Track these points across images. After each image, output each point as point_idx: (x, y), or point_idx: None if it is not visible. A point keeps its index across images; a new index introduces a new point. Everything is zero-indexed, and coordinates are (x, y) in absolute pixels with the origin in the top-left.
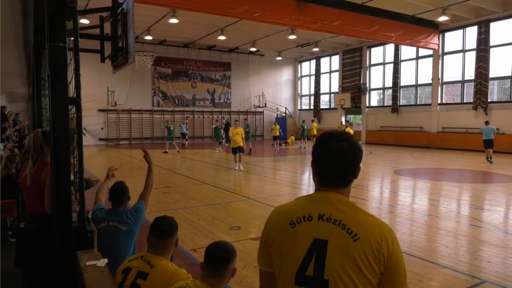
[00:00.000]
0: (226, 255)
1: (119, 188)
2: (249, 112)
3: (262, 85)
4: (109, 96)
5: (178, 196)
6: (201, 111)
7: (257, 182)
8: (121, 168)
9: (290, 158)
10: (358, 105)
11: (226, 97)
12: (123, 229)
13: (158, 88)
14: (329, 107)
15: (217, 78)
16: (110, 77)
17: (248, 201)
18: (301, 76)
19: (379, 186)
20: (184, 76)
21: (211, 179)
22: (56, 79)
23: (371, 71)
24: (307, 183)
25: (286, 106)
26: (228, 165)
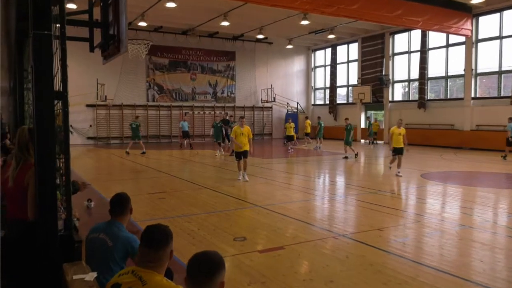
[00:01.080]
0: (213, 266)
1: (118, 199)
2: (255, 107)
3: (271, 77)
4: (99, 90)
5: (176, 202)
6: (201, 106)
7: (264, 187)
8: (112, 170)
9: (303, 159)
10: (379, 99)
11: (229, 90)
12: (108, 244)
13: (153, 81)
14: (346, 102)
15: (219, 69)
16: (100, 68)
17: (255, 208)
18: (314, 66)
19: (404, 192)
20: (183, 67)
21: (213, 183)
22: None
23: (394, 60)
24: (321, 188)
25: (298, 101)
26: (233, 167)
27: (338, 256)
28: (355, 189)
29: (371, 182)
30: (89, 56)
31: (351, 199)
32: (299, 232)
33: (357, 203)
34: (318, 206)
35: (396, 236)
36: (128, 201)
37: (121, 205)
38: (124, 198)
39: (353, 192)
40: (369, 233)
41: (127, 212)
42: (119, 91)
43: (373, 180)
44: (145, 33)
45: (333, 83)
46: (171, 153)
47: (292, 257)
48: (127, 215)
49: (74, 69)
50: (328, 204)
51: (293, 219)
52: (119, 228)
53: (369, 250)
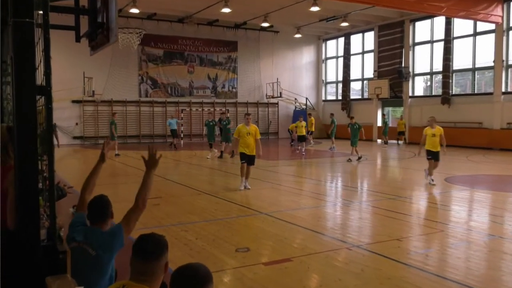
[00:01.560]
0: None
1: (97, 202)
2: (260, 103)
3: (277, 69)
4: (86, 84)
5: (171, 209)
6: (199, 102)
7: (270, 192)
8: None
9: (313, 161)
10: (398, 94)
11: (231, 84)
12: (91, 254)
13: (146, 74)
14: (361, 97)
15: (220, 61)
16: (87, 60)
17: (259, 216)
18: (325, 58)
19: (425, 198)
20: (179, 58)
21: (213, 188)
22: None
23: (415, 51)
24: (333, 193)
25: (307, 96)
26: (234, 170)
27: (352, 269)
28: (371, 195)
29: (389, 187)
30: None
31: (366, 206)
32: (308, 243)
33: (373, 210)
34: (330, 213)
35: (417, 247)
36: (109, 204)
37: (101, 210)
38: (104, 201)
39: (369, 197)
40: (386, 244)
41: (108, 217)
42: (108, 85)
43: (391, 184)
44: (137, 21)
45: (346, 77)
46: (165, 154)
47: (301, 270)
48: (108, 220)
49: (59, 61)
50: (340, 211)
51: (301, 228)
52: (100, 234)
53: (386, 263)
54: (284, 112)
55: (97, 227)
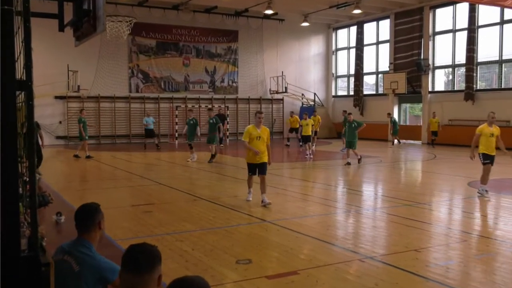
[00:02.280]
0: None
1: (81, 211)
2: (263, 99)
3: (282, 62)
4: (70, 78)
5: (165, 217)
6: (196, 98)
7: (274, 198)
8: (87, 177)
9: (322, 164)
10: (416, 89)
11: (231, 78)
12: (74, 269)
13: (137, 67)
14: (375, 93)
15: (218, 52)
16: (71, 52)
17: (262, 224)
18: (336, 49)
19: (447, 204)
20: (173, 49)
21: (210, 193)
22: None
23: (435, 41)
24: (345, 199)
25: (315, 92)
26: (234, 173)
27: (365, 283)
28: (386, 201)
29: (406, 192)
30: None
31: (381, 213)
32: (316, 254)
33: (388, 217)
34: (341, 221)
35: (437, 259)
36: (96, 213)
37: (87, 219)
38: (91, 210)
39: (384, 204)
40: (403, 255)
41: (95, 227)
42: (95, 79)
43: (409, 189)
44: (127, 8)
45: (359, 70)
46: (159, 156)
47: (308, 285)
48: (95, 231)
49: (41, 52)
50: (352, 219)
51: (309, 237)
52: (88, 248)
53: (403, 276)
54: (289, 109)
55: (85, 239)
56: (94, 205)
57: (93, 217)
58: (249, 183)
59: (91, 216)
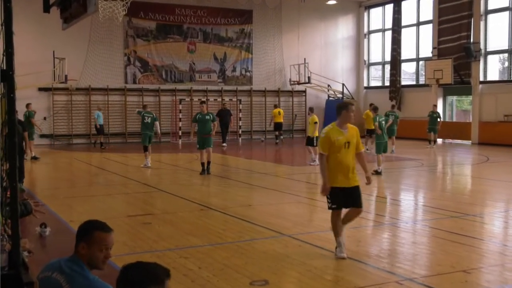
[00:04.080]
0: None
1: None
2: (282, 92)
3: (304, 47)
4: (56, 67)
5: (167, 229)
6: (203, 90)
7: (295, 207)
8: (76, 182)
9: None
10: (465, 79)
11: (244, 67)
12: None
13: (134, 54)
14: (416, 83)
15: (230, 36)
16: (58, 36)
17: (281, 238)
18: (368, 32)
19: (503, 216)
20: (176, 33)
21: (220, 201)
22: None
23: (488, 21)
24: (378, 209)
25: (344, 82)
26: (249, 179)
27: None
28: (428, 212)
29: (453, 202)
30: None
31: (422, 227)
32: (345, 274)
33: (431, 232)
34: (374, 236)
35: (490, 282)
36: (80, 227)
37: None
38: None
39: (426, 216)
40: (449, 277)
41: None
42: (85, 68)
43: (456, 198)
44: None
45: (395, 56)
46: (159, 158)
47: None
48: (78, 244)
49: (23, 37)
50: (388, 234)
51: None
52: (81, 266)
53: None
54: (313, 103)
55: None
56: (93, 223)
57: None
58: (337, 225)
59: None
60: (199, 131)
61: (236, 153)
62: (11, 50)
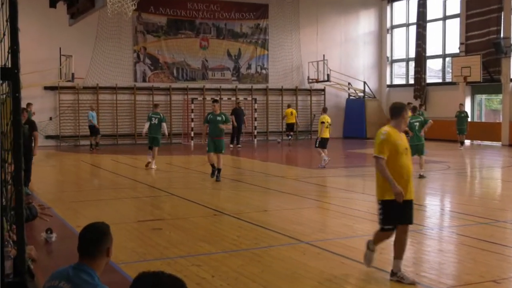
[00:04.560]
0: (99, 236)
1: (88, 232)
2: (299, 90)
3: (323, 43)
4: (63, 65)
5: (178, 235)
6: (216, 88)
7: (314, 213)
8: (82, 186)
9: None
10: (495, 76)
11: (260, 64)
12: None
13: (143, 50)
14: (442, 81)
15: (244, 31)
16: (65, 33)
17: (299, 245)
18: (392, 26)
19: None
20: (188, 29)
21: (234, 206)
22: None
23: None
24: None
25: (365, 80)
26: (265, 182)
27: None
28: (456, 218)
29: (482, 207)
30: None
31: (449, 233)
32: (367, 284)
33: (459, 239)
34: None
35: None
36: (107, 236)
37: (94, 242)
38: (101, 232)
39: (453, 222)
40: (478, 287)
41: (103, 253)
42: (93, 66)
43: (485, 203)
44: None
45: (420, 52)
46: (170, 160)
47: None
48: (102, 257)
49: (28, 34)
50: (413, 241)
51: (358, 263)
52: (91, 275)
53: None
54: (333, 102)
55: (88, 265)
56: (104, 226)
57: (102, 241)
58: (381, 241)
59: (100, 240)
60: (210, 133)
61: (251, 155)
62: (17, 47)
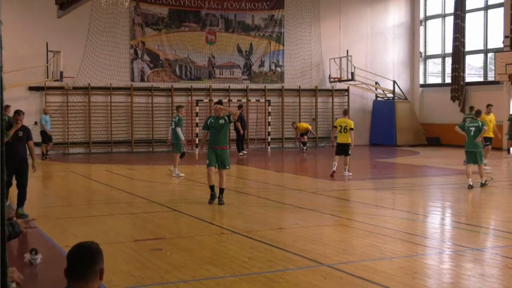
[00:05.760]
0: (91, 256)
1: (78, 252)
2: (320, 91)
3: (347, 37)
4: (50, 62)
5: (181, 257)
6: (225, 89)
7: (336, 231)
8: (72, 200)
9: (409, 182)
10: None
11: (274, 61)
12: None
13: (142, 45)
14: (483, 80)
15: (256, 24)
16: (52, 26)
17: (319, 268)
18: (425, 18)
19: None
20: (193, 21)
21: (245, 223)
22: None
23: None
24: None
25: (395, 79)
26: (279, 196)
27: None
28: (500, 237)
29: None
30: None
31: (492, 255)
32: None
33: (504, 261)
34: (433, 266)
35: None
36: (99, 257)
37: (86, 264)
38: (93, 251)
39: (497, 242)
40: None
41: (95, 276)
42: (84, 64)
43: None
44: None
45: (458, 47)
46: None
47: None
48: (94, 280)
49: (10, 27)
50: (450, 264)
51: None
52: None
53: None
54: (358, 104)
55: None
56: (95, 245)
57: (94, 261)
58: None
59: (92, 261)
60: (211, 141)
61: (264, 165)
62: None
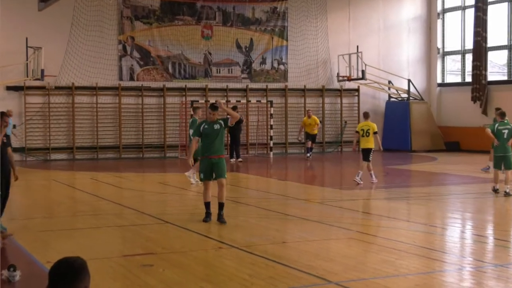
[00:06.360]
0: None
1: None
2: (327, 90)
3: (357, 32)
4: (30, 59)
5: (174, 274)
6: (222, 88)
7: (347, 246)
8: (54, 211)
9: (427, 192)
10: None
11: (277, 58)
12: None
13: (131, 41)
14: (507, 79)
15: (257, 17)
16: (33, 19)
17: (326, 287)
18: (443, 10)
19: None
20: (187, 13)
21: (244, 236)
22: None
23: None
24: (457, 249)
25: (410, 78)
26: (282, 207)
27: None
28: None
29: None
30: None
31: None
32: None
33: None
34: (452, 284)
35: None
36: (84, 274)
37: (69, 279)
38: (76, 269)
39: None
40: None
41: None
42: (68, 61)
43: None
44: None
45: (480, 42)
46: (163, 179)
47: None
48: None
49: None
50: (471, 281)
51: None
52: None
53: None
54: (369, 105)
55: None
56: (80, 261)
57: (79, 280)
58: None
59: (77, 279)
60: (204, 150)
61: (266, 172)
62: None
